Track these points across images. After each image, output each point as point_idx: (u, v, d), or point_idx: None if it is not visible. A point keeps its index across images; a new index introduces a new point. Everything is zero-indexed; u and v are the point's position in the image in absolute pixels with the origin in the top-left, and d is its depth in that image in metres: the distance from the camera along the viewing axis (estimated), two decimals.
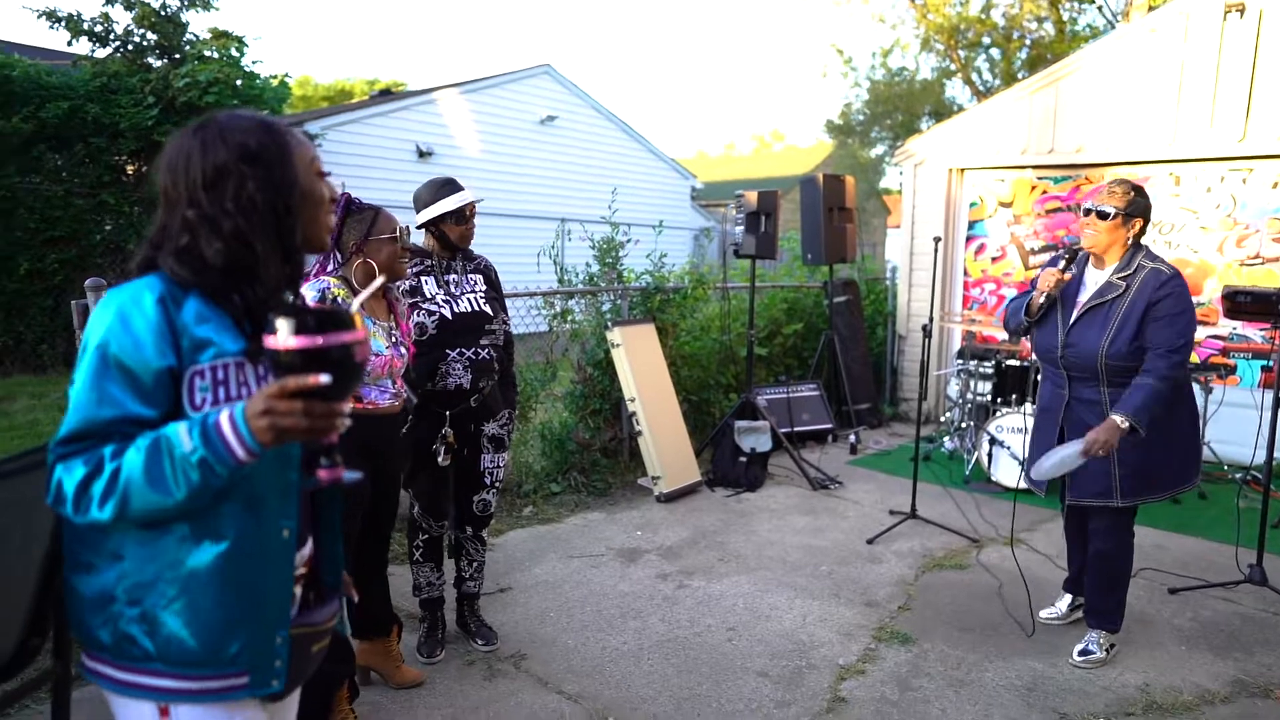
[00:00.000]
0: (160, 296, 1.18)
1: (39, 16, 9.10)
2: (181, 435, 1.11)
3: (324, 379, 1.05)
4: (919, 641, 3.34)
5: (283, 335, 1.04)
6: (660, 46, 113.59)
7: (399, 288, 2.77)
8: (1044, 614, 3.53)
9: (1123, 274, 2.98)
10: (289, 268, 1.29)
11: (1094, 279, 3.09)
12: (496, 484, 3.15)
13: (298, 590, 1.38)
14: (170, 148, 1.27)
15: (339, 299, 2.48)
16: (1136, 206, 3.00)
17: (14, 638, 1.47)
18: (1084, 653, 3.16)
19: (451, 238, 2.96)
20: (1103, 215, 2.99)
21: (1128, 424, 2.84)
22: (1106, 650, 3.17)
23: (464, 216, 2.96)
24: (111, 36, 9.40)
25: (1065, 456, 2.94)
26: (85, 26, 9.27)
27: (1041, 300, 3.11)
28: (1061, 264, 3.08)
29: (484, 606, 3.40)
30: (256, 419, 1.08)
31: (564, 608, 3.58)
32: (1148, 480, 3.00)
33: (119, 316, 1.17)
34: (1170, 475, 3.05)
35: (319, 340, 1.04)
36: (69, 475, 1.13)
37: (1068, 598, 3.53)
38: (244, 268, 1.24)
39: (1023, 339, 5.98)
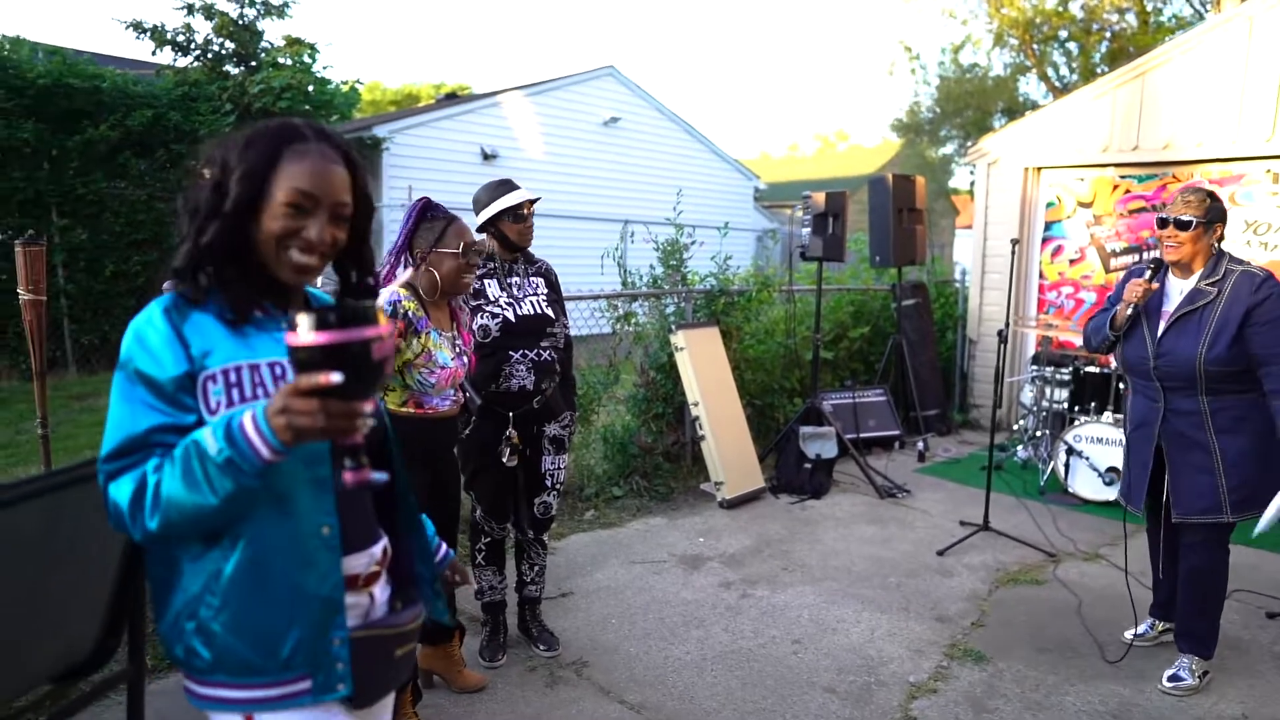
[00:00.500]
0: (166, 308, 1.22)
1: (126, 28, 9.51)
2: (208, 438, 1.11)
3: (335, 377, 1.02)
4: (994, 660, 3.21)
5: (301, 331, 1.01)
6: (723, 47, 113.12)
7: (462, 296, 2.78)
8: (1128, 635, 3.35)
9: (1211, 280, 2.89)
10: (269, 283, 1.27)
11: (1178, 288, 2.99)
12: (558, 486, 3.14)
13: (376, 591, 1.36)
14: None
15: (409, 313, 2.45)
16: (1215, 212, 2.91)
17: (92, 638, 1.49)
18: (1174, 679, 2.99)
19: (510, 236, 2.96)
20: (1183, 226, 2.88)
21: None
22: (1199, 677, 2.99)
23: (521, 215, 2.94)
24: (192, 46, 9.77)
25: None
26: (169, 37, 9.65)
27: (1129, 312, 3.01)
28: (1148, 273, 2.99)
29: (545, 611, 3.38)
30: (275, 417, 1.06)
31: (626, 614, 3.54)
32: (1255, 495, 2.86)
33: (136, 336, 1.21)
34: (1271, 487, 2.87)
35: (332, 336, 1.01)
36: (120, 493, 1.15)
37: (1154, 622, 3.34)
38: (224, 276, 1.25)
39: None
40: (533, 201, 2.98)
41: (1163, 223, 2.94)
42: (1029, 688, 3.02)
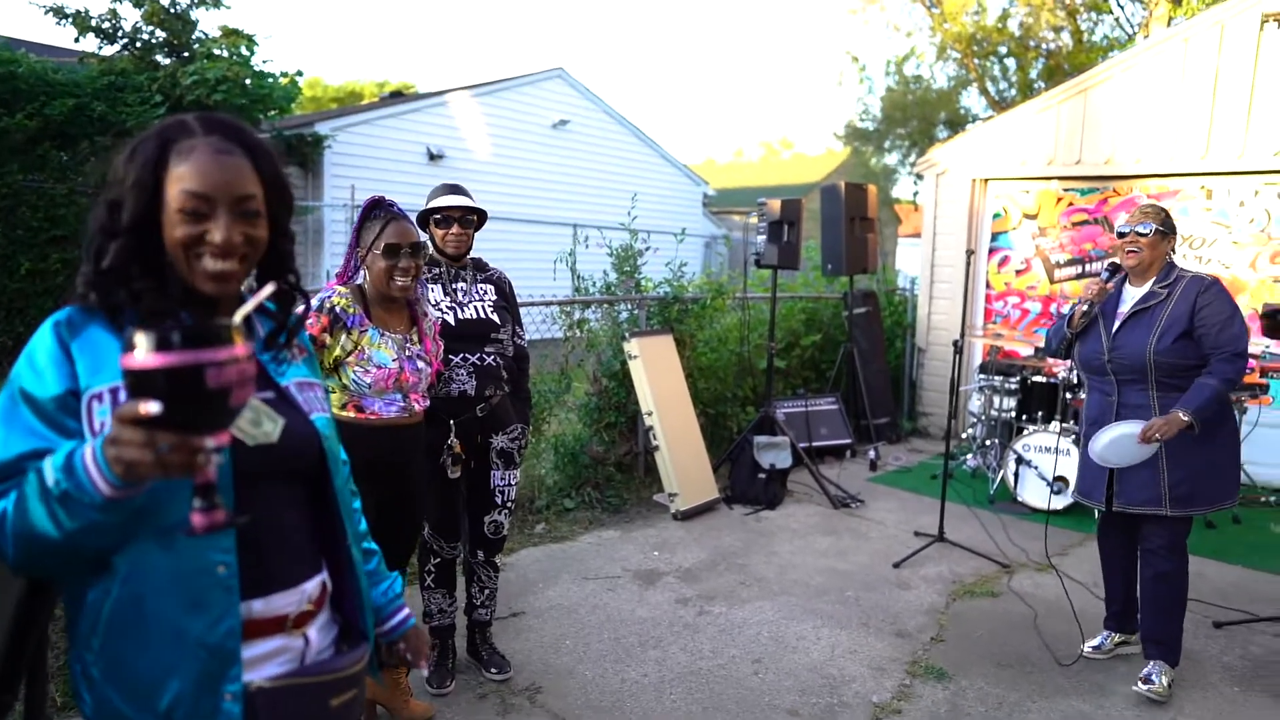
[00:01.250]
0: (56, 323, 1.12)
1: (46, 13, 8.98)
2: (47, 467, 1.00)
3: (152, 408, 0.87)
4: (955, 677, 3.16)
5: (137, 352, 0.87)
6: (670, 52, 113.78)
7: (425, 300, 2.67)
8: (1086, 648, 3.35)
9: (1163, 284, 3.08)
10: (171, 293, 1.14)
11: (1132, 294, 3.16)
12: (509, 504, 2.99)
13: (311, 632, 1.22)
14: None
15: (337, 308, 2.36)
16: (1170, 224, 3.12)
17: None
18: (1146, 680, 3.01)
19: (435, 240, 2.83)
20: (1142, 234, 3.06)
21: (1188, 419, 2.87)
22: (1168, 683, 3.01)
23: (446, 220, 2.81)
24: (119, 34, 9.28)
25: (1121, 435, 2.95)
26: (93, 23, 9.14)
27: (1084, 309, 3.15)
28: (1105, 274, 3.17)
29: (496, 633, 3.22)
30: (107, 448, 0.93)
31: (580, 635, 3.40)
32: (1194, 492, 2.97)
33: (26, 353, 1.12)
34: (1213, 489, 3.03)
35: (157, 360, 0.86)
36: None
37: (1110, 634, 3.35)
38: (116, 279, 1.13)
39: (1049, 360, 5.83)
40: (464, 210, 2.83)
41: (1122, 234, 3.11)
42: (992, 705, 2.97)
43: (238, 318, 0.95)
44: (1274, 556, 4.42)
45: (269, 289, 1.06)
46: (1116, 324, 3.11)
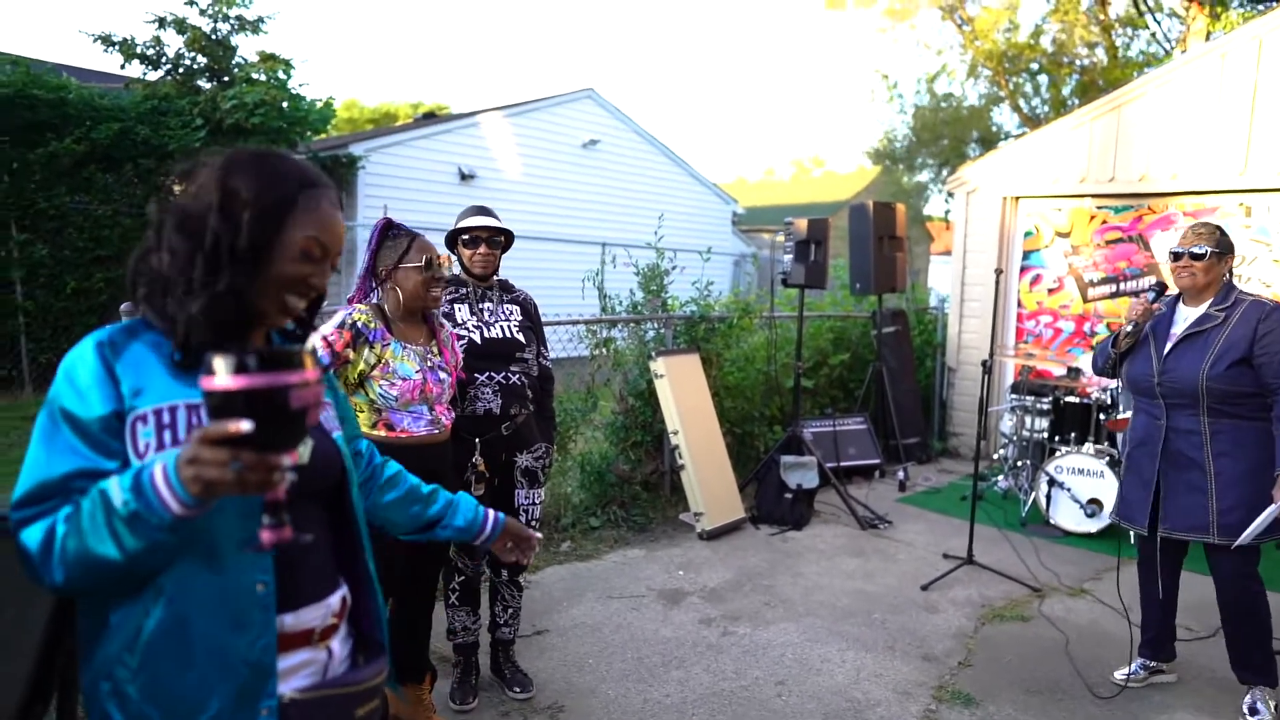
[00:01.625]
0: (99, 342, 1.13)
1: (94, 40, 9.30)
2: (114, 487, 1.01)
3: (245, 425, 0.92)
4: (983, 703, 3.11)
5: (218, 375, 0.92)
6: (701, 72, 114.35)
7: (441, 313, 2.73)
8: (1119, 675, 3.27)
9: (1220, 306, 2.98)
10: (216, 308, 1.16)
11: (1187, 314, 3.07)
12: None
13: (334, 645, 1.25)
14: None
15: (359, 324, 2.41)
16: (1225, 244, 3.02)
17: (15, 701, 1.34)
18: (1252, 711, 2.95)
19: (463, 260, 2.88)
20: (1197, 256, 2.96)
21: None
22: (1275, 706, 2.95)
23: (474, 240, 2.85)
24: (163, 59, 9.58)
25: (1266, 519, 2.75)
26: (138, 50, 9.45)
27: (1129, 329, 3.08)
28: (1151, 295, 3.09)
29: (519, 651, 3.23)
30: (184, 468, 0.97)
31: (603, 654, 3.40)
32: (1245, 520, 2.83)
33: (65, 372, 1.13)
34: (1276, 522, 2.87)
35: (247, 381, 0.91)
36: (30, 542, 1.06)
37: (1145, 661, 3.27)
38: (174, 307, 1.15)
39: (1081, 378, 5.74)
40: (493, 230, 2.88)
41: (1176, 255, 3.01)
42: None
43: (310, 344, 0.99)
44: None
45: (339, 317, 1.12)
46: (1168, 346, 3.02)
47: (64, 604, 1.34)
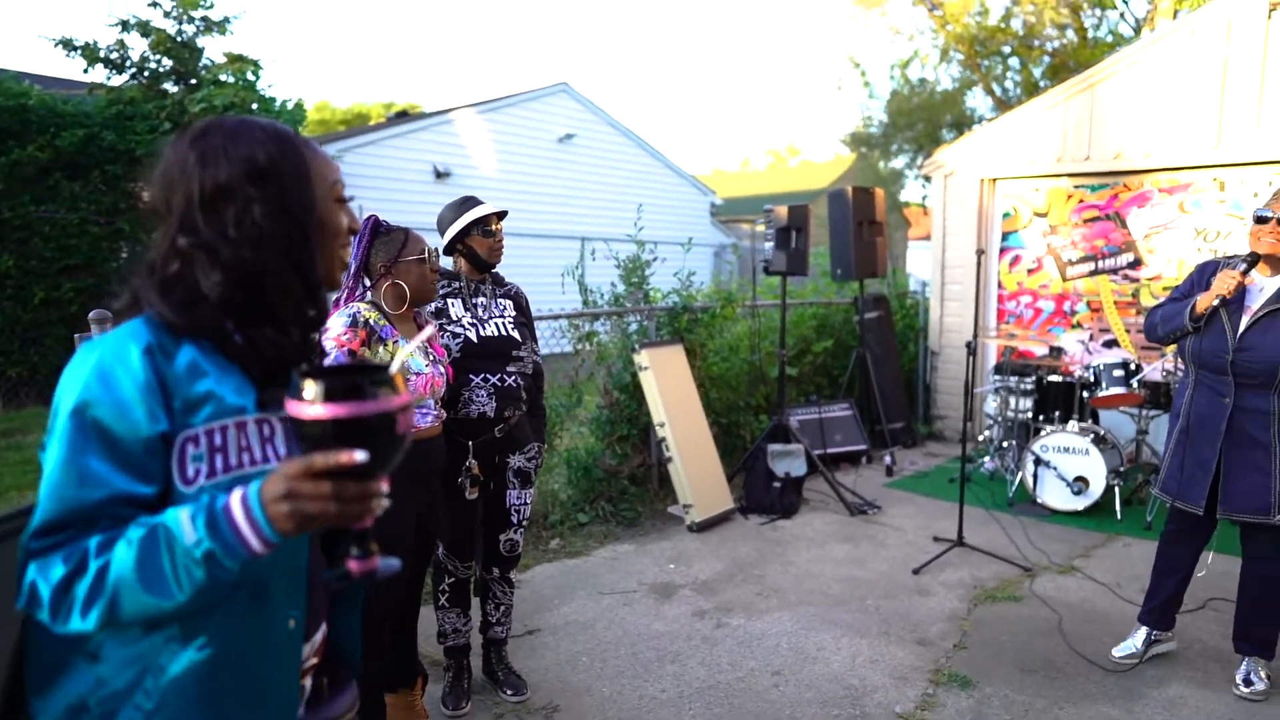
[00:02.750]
0: (148, 346, 0.98)
1: (55, 45, 9.10)
2: (184, 524, 0.91)
3: (360, 456, 0.85)
4: (979, 685, 3.10)
5: (311, 401, 0.85)
6: (674, 63, 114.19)
7: (427, 309, 2.68)
8: (1116, 652, 3.27)
9: None
10: (313, 308, 1.09)
11: (1264, 286, 2.91)
12: (524, 522, 2.96)
13: (306, 683, 1.18)
14: (166, 156, 1.08)
15: (370, 321, 2.35)
16: None
17: None
18: (1247, 682, 2.97)
19: (480, 253, 2.81)
20: None
21: None
22: (1266, 675, 2.97)
23: (490, 230, 2.80)
24: (127, 64, 9.38)
25: None
26: (101, 54, 9.25)
27: (1215, 303, 2.89)
28: (1243, 266, 2.87)
29: (512, 651, 3.19)
30: (276, 504, 0.88)
31: (597, 651, 3.36)
32: None
33: (99, 374, 0.96)
34: None
35: (354, 409, 0.84)
36: (44, 575, 0.92)
37: (1143, 631, 3.27)
38: (251, 304, 1.04)
39: (1063, 356, 5.75)
40: (502, 215, 2.84)
41: (1262, 219, 2.84)
42: (1018, 713, 2.91)
43: (395, 366, 0.92)
44: None
45: (429, 330, 1.05)
46: (1246, 321, 2.86)
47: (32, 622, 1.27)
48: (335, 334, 2.27)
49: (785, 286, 5.73)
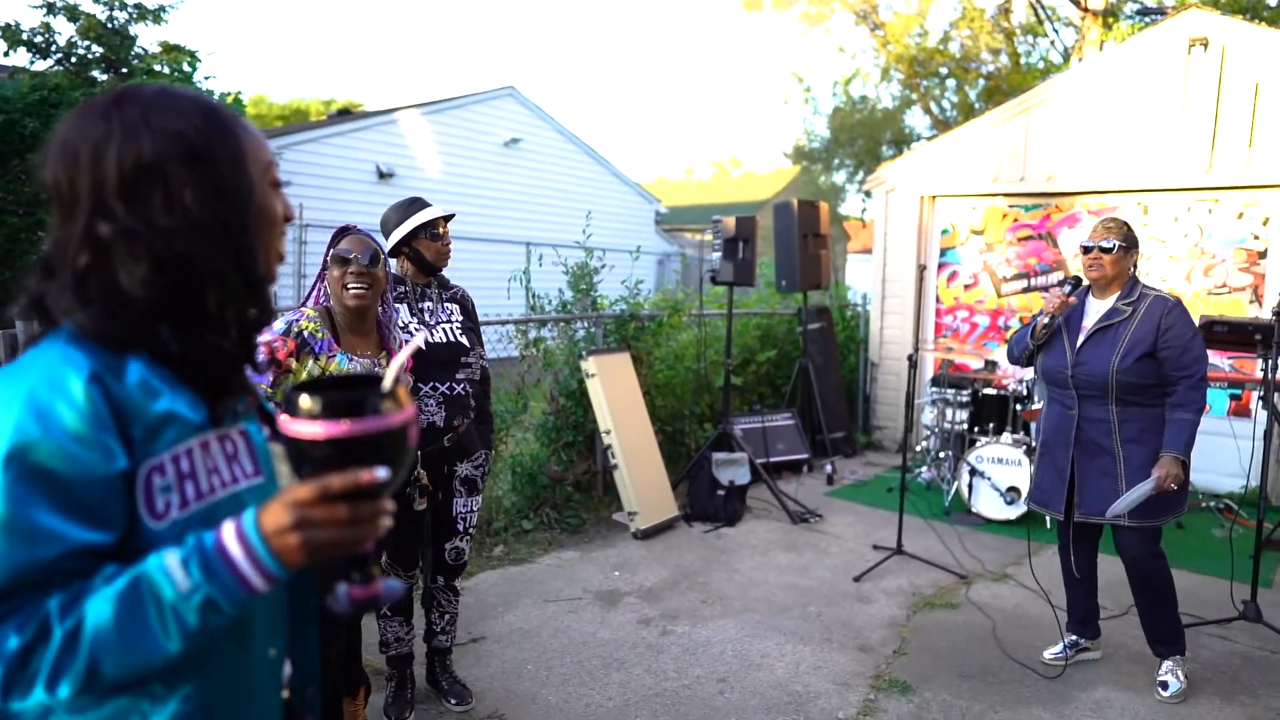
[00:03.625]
0: (93, 372, 0.84)
1: None
2: (173, 571, 0.80)
3: (380, 474, 0.78)
4: (919, 690, 3.17)
5: (310, 417, 0.78)
6: (620, 71, 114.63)
7: (392, 318, 2.56)
8: (1047, 655, 3.39)
9: (1127, 300, 3.11)
10: (254, 306, 0.96)
11: (1097, 307, 3.20)
12: (470, 530, 2.92)
13: None
14: (68, 129, 0.90)
15: (305, 333, 2.27)
16: (1132, 239, 3.16)
17: None
18: (1164, 687, 3.10)
19: (427, 256, 2.76)
20: (1106, 250, 3.10)
21: (1183, 458, 2.96)
22: (1183, 675, 3.12)
23: (437, 233, 2.76)
24: (53, 48, 8.98)
25: (1139, 494, 2.94)
26: (24, 37, 8.83)
27: (1046, 321, 3.18)
28: (1068, 288, 3.18)
29: (456, 660, 3.13)
30: (283, 535, 0.80)
31: (542, 659, 3.33)
32: (1150, 502, 3.00)
33: (33, 411, 0.81)
34: (1169, 500, 3.06)
35: (365, 425, 0.77)
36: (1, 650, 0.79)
37: (1075, 639, 3.40)
38: (184, 305, 0.90)
39: (997, 370, 5.95)
40: (448, 218, 2.80)
41: (1086, 249, 3.13)
42: (956, 717, 2.99)
43: (388, 381, 0.84)
44: (1216, 561, 4.54)
45: (416, 343, 0.94)
46: (1081, 338, 3.14)
47: None
48: (264, 338, 2.20)
49: (732, 296, 5.79)
